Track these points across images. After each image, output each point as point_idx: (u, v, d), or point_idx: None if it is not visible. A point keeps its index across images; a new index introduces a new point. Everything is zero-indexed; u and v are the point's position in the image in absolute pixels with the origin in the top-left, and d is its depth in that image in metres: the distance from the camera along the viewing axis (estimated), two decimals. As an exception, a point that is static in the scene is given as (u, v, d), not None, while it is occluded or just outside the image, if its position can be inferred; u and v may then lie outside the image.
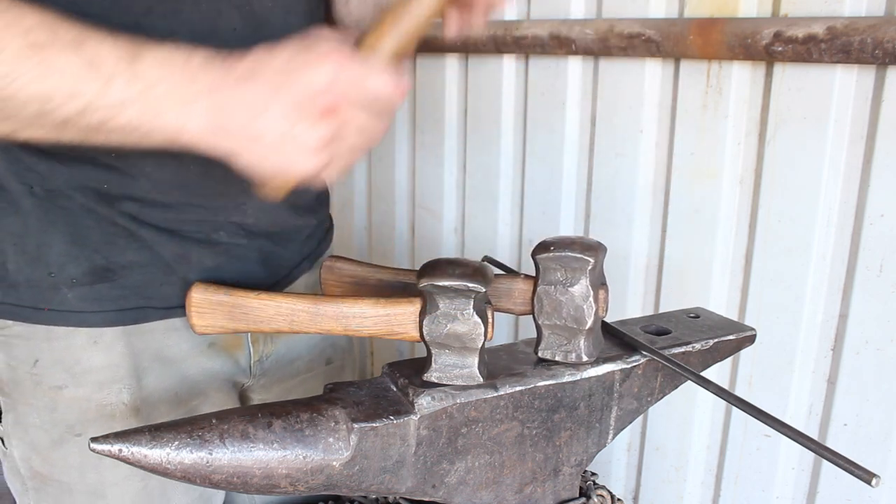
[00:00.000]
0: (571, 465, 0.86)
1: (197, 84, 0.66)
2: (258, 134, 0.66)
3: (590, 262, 0.77)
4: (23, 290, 0.87)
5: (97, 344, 0.89)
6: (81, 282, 0.87)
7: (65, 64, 0.63)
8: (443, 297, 0.74)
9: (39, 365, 0.90)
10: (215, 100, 0.66)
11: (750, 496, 1.52)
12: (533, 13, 1.73)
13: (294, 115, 0.65)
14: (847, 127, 1.26)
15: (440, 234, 2.13)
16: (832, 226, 1.31)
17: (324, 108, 0.65)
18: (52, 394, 0.90)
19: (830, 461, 0.66)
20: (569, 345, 0.81)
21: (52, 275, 0.87)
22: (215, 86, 0.66)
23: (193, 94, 0.66)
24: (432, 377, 0.77)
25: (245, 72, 0.67)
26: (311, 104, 0.65)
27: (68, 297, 0.87)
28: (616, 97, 1.59)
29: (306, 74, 0.65)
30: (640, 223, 1.60)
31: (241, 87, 0.66)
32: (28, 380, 0.91)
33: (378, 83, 0.67)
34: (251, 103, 0.66)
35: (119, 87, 0.64)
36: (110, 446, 0.67)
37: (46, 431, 0.92)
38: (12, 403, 0.93)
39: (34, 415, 0.92)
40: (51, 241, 0.86)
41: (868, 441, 1.31)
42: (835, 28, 1.18)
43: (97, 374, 0.90)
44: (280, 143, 0.66)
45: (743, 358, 1.46)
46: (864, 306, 1.28)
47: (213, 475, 0.68)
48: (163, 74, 0.65)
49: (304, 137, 0.66)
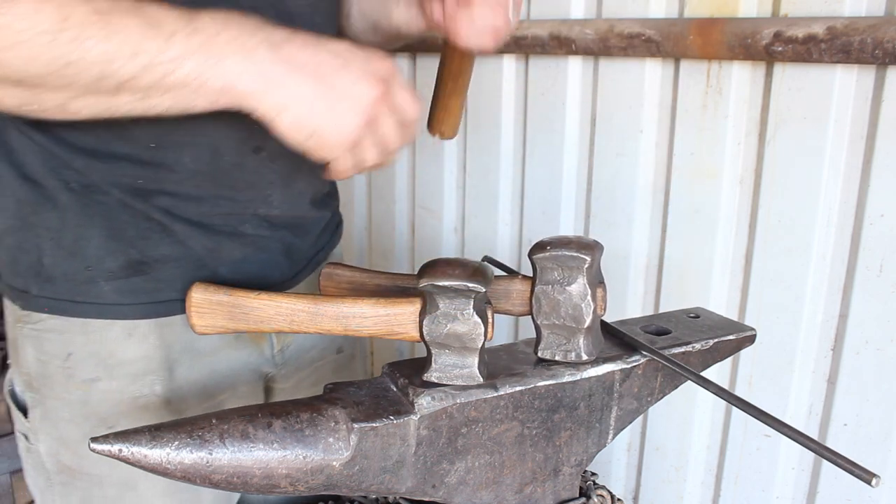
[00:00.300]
0: (571, 465, 0.86)
1: (257, 36, 0.69)
2: (322, 81, 0.70)
3: (586, 260, 0.77)
4: (59, 283, 0.89)
5: (131, 336, 0.91)
6: (118, 275, 0.89)
7: (127, 25, 0.66)
8: (443, 297, 0.74)
9: (72, 358, 0.91)
10: (279, 51, 0.70)
11: (750, 496, 1.52)
12: (533, 13, 1.73)
13: (356, 76, 0.71)
14: (847, 127, 1.26)
15: (440, 234, 2.13)
16: (832, 226, 1.31)
17: (382, 76, 0.72)
18: (85, 387, 0.92)
19: (830, 461, 0.66)
20: (568, 344, 0.81)
21: (89, 268, 0.89)
22: (275, 40, 0.70)
23: (254, 43, 0.69)
24: (432, 377, 0.77)
25: (306, 40, 0.72)
26: (371, 77, 0.71)
27: (105, 289, 0.89)
28: (616, 97, 1.59)
29: (369, 59, 0.72)
30: (640, 223, 1.60)
31: (307, 49, 0.71)
32: (59, 374, 0.92)
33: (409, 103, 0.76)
34: (320, 61, 0.70)
35: (180, 40, 0.67)
36: (110, 446, 0.67)
37: (78, 425, 0.93)
38: (40, 399, 0.94)
39: (65, 409, 0.93)
40: (89, 235, 0.88)
41: (868, 441, 1.31)
42: (835, 28, 1.18)
43: (131, 366, 0.92)
44: (337, 95, 0.70)
45: (743, 358, 1.46)
46: (864, 306, 1.28)
47: (213, 475, 0.68)
48: (222, 27, 0.68)
49: (360, 96, 0.71)
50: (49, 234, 0.88)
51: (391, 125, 0.75)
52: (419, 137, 2.20)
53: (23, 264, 0.91)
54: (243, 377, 1.02)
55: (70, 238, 0.88)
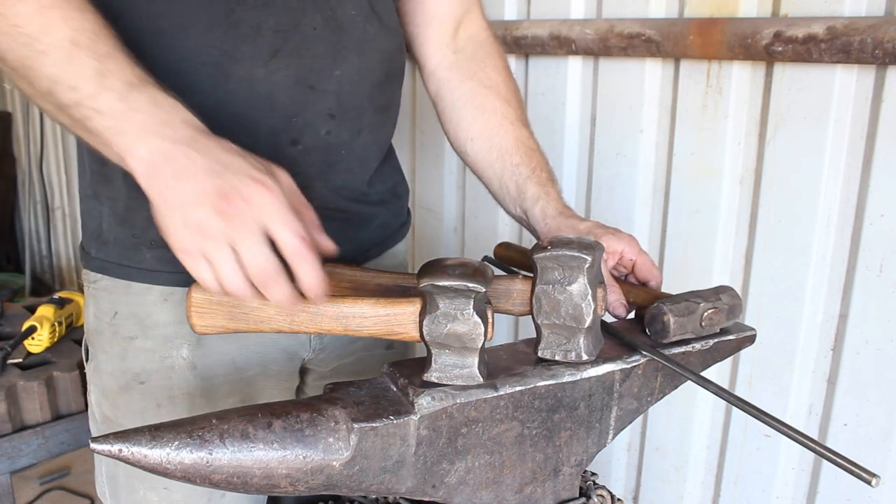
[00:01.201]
0: (571, 465, 0.86)
1: (166, 129, 0.74)
2: (172, 190, 0.72)
3: (587, 260, 0.77)
4: (111, 247, 1.00)
5: (167, 301, 0.99)
6: (160, 244, 0.92)
7: (84, 65, 0.74)
8: (443, 297, 0.74)
9: (118, 317, 1.01)
10: (168, 148, 0.73)
11: (750, 496, 1.52)
12: (533, 13, 1.73)
13: (202, 196, 0.71)
14: (847, 127, 1.26)
15: (440, 234, 2.13)
16: (832, 226, 1.31)
17: (225, 210, 0.71)
18: (125, 344, 1.01)
19: (830, 461, 0.66)
20: (568, 344, 0.81)
21: (135, 236, 0.98)
22: (178, 139, 0.74)
23: (157, 134, 0.73)
24: (432, 377, 0.77)
25: (206, 145, 0.74)
26: (219, 199, 0.71)
27: (147, 256, 0.98)
28: (616, 97, 1.59)
29: (240, 181, 0.72)
30: (640, 223, 1.60)
31: (192, 152, 0.73)
32: (108, 330, 1.02)
33: (290, 233, 0.72)
34: (187, 165, 0.72)
35: (110, 99, 0.73)
36: (110, 446, 0.67)
37: (116, 378, 1.03)
38: (94, 352, 1.05)
39: (108, 362, 1.03)
40: (137, 205, 0.94)
41: (868, 441, 1.31)
42: (835, 28, 1.18)
43: (164, 328, 1.00)
44: (178, 207, 0.72)
45: (743, 358, 1.46)
46: (864, 306, 1.28)
47: (213, 475, 0.68)
48: (146, 108, 0.74)
49: (194, 217, 0.71)
50: (109, 202, 0.98)
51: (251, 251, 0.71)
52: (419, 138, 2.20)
53: (89, 228, 1.03)
54: (273, 356, 1.06)
55: (122, 208, 0.97)
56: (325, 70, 0.96)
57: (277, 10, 0.91)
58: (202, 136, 0.75)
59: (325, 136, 0.99)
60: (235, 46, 0.90)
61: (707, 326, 0.88)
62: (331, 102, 0.98)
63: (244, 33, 0.90)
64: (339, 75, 0.98)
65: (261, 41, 0.91)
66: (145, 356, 1.01)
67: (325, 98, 0.97)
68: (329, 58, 0.96)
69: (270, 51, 0.92)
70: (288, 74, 0.93)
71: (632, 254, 0.98)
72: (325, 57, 0.96)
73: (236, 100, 0.92)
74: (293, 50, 0.93)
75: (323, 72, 0.96)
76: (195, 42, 0.89)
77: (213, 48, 0.90)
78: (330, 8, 0.95)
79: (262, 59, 0.92)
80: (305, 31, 0.94)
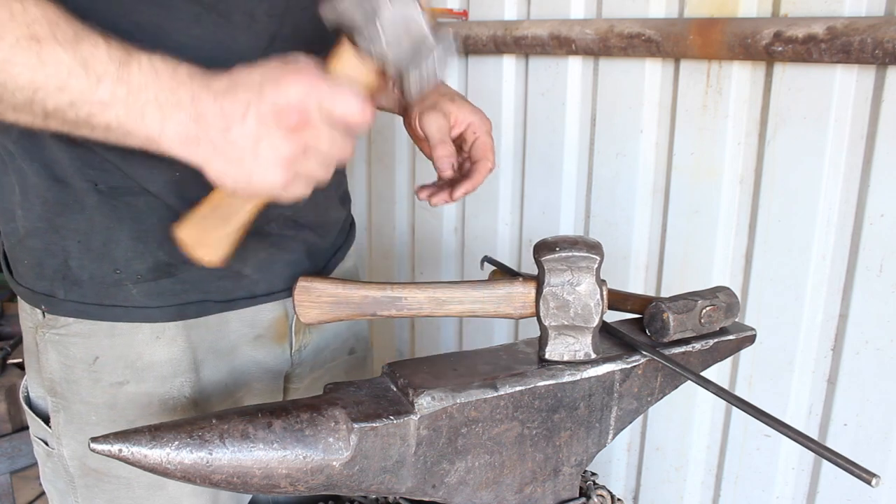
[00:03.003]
0: (571, 465, 0.86)
1: (179, 93, 0.68)
2: (230, 144, 0.68)
3: (596, 259, 0.79)
4: (87, 287, 0.89)
5: (160, 339, 0.91)
6: (146, 277, 0.89)
7: (58, 59, 0.66)
8: (353, 10, 0.73)
9: (99, 362, 0.91)
10: (195, 109, 0.68)
11: (750, 496, 1.52)
12: (533, 13, 1.73)
13: (264, 128, 0.68)
14: (847, 127, 1.26)
15: (440, 234, 2.13)
16: (832, 226, 1.31)
17: (293, 123, 0.68)
18: (113, 390, 0.91)
19: (830, 461, 0.66)
20: (577, 343, 0.82)
21: (117, 271, 0.88)
22: (196, 96, 0.69)
23: (175, 103, 0.68)
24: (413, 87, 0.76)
25: (224, 85, 0.69)
26: (280, 119, 0.68)
27: (133, 292, 0.89)
28: (616, 97, 1.59)
29: (279, 90, 0.68)
30: (640, 223, 1.60)
31: (219, 99, 0.68)
32: (86, 378, 0.91)
33: (345, 105, 0.70)
34: (226, 114, 0.68)
35: (106, 87, 0.67)
36: (110, 446, 0.67)
37: (106, 428, 0.91)
38: (65, 403, 0.93)
39: (91, 413, 0.92)
40: (117, 237, 0.87)
41: (868, 441, 1.31)
42: (835, 28, 1.18)
43: (160, 368, 0.92)
44: (249, 154, 0.68)
45: (743, 358, 1.46)
46: (864, 306, 1.28)
47: (213, 475, 0.68)
48: (149, 81, 0.68)
49: (272, 151, 0.68)
50: (76, 236, 0.87)
51: (327, 140, 0.70)
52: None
53: (48, 267, 0.89)
54: (259, 375, 1.03)
55: (98, 240, 0.87)
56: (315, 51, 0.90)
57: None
58: (214, 80, 0.70)
59: None
60: (231, 37, 0.84)
61: (706, 324, 0.88)
62: None
63: (237, 22, 0.84)
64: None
65: (256, 28, 0.86)
66: (141, 401, 0.92)
67: None
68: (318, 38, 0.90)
69: (268, 38, 0.87)
70: None
71: (479, 131, 1.01)
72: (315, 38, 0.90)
73: None
74: (288, 34, 0.88)
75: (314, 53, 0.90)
76: (182, 36, 0.82)
77: (205, 42, 0.83)
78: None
79: (260, 49, 0.85)
80: (296, 12, 0.89)
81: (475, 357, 0.85)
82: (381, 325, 2.44)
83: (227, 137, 0.68)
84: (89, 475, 0.95)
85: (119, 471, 0.93)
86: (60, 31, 0.66)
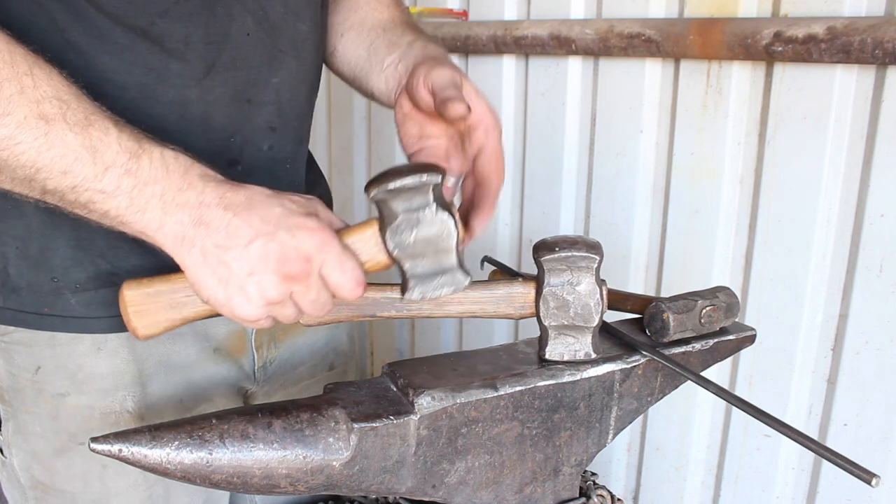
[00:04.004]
0: (571, 465, 0.86)
1: (187, 194, 0.68)
2: (222, 263, 0.68)
3: (596, 259, 0.79)
4: (25, 294, 0.86)
5: (101, 351, 0.88)
6: (86, 287, 0.86)
7: (66, 142, 0.65)
8: (398, 201, 0.71)
9: (41, 372, 0.88)
10: (199, 214, 0.68)
11: (750, 496, 1.52)
12: (533, 13, 1.73)
13: (262, 264, 0.68)
14: (847, 127, 1.26)
15: (440, 234, 2.13)
16: (832, 226, 1.31)
17: (291, 273, 0.68)
18: (55, 401, 0.88)
19: (830, 461, 0.66)
20: (577, 343, 0.82)
21: (55, 280, 0.85)
22: (205, 203, 0.68)
23: (181, 203, 0.68)
24: (413, 295, 0.74)
25: (239, 201, 0.69)
26: (281, 264, 0.68)
27: (72, 302, 0.86)
28: (616, 97, 1.59)
29: (293, 236, 0.68)
30: (640, 223, 1.60)
31: (229, 214, 0.68)
32: (30, 387, 0.89)
33: (345, 277, 0.71)
34: (231, 233, 0.68)
35: (113, 177, 0.66)
36: (110, 446, 0.67)
37: (48, 440, 0.90)
38: (13, 412, 0.92)
39: (36, 423, 0.90)
40: (55, 245, 0.84)
41: (868, 441, 1.31)
42: (835, 28, 1.18)
43: (101, 381, 0.88)
44: (236, 282, 0.68)
45: (743, 358, 1.46)
46: (864, 306, 1.28)
47: (213, 475, 0.68)
48: (158, 176, 0.67)
49: (259, 288, 0.68)
50: (14, 242, 0.85)
51: (313, 296, 0.71)
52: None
53: None
54: (220, 391, 0.98)
55: (35, 247, 0.84)
56: (261, 80, 0.88)
57: (205, 19, 0.81)
58: (229, 190, 0.69)
59: (267, 152, 0.91)
60: (163, 64, 0.80)
61: (706, 324, 0.88)
62: (271, 114, 0.90)
63: (171, 49, 0.80)
64: (277, 83, 0.90)
65: (191, 56, 0.81)
66: (82, 414, 0.88)
67: (263, 110, 0.89)
68: (265, 65, 0.88)
69: (204, 67, 0.82)
70: (224, 91, 0.84)
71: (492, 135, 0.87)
72: (262, 65, 0.87)
73: (166, 125, 0.80)
74: (228, 63, 0.84)
75: (259, 82, 0.87)
76: (113, 60, 0.78)
77: (136, 67, 0.79)
78: (260, 8, 0.86)
79: (195, 78, 0.82)
80: (238, 39, 0.84)
81: (475, 357, 0.85)
82: (381, 326, 2.44)
83: (222, 256, 0.68)
84: (37, 487, 0.93)
85: (63, 485, 0.91)
86: (71, 112, 0.65)
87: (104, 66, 0.78)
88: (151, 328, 0.75)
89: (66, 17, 0.75)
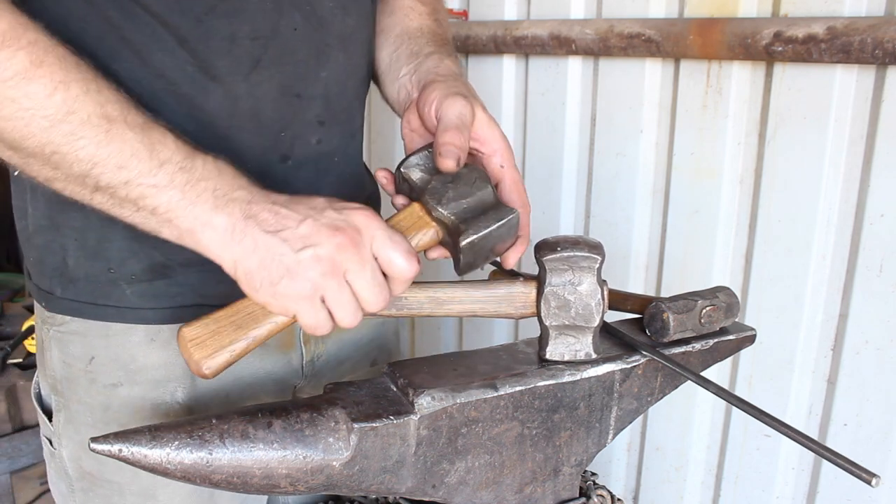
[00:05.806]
0: (571, 465, 0.86)
1: (238, 192, 0.71)
2: (273, 245, 0.69)
3: (598, 259, 0.79)
4: (82, 285, 0.88)
5: (154, 341, 0.89)
6: (141, 278, 0.87)
7: (125, 139, 0.69)
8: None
9: (95, 362, 0.90)
10: (249, 209, 0.70)
11: (750, 496, 1.52)
12: (533, 13, 1.73)
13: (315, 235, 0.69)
14: (847, 127, 1.26)
15: (440, 234, 2.13)
16: (832, 226, 1.31)
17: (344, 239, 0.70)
18: (107, 392, 0.90)
19: (830, 461, 0.66)
20: (578, 343, 0.82)
21: (111, 270, 0.87)
22: (255, 200, 0.71)
23: (232, 198, 0.71)
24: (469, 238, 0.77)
25: (284, 199, 0.72)
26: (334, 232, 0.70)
27: (127, 293, 0.88)
28: (616, 97, 1.59)
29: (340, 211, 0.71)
30: (640, 223, 1.60)
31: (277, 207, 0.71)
32: (83, 377, 0.90)
33: (396, 251, 0.72)
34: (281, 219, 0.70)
35: (167, 171, 0.69)
36: (110, 446, 0.67)
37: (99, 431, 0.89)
38: (65, 402, 0.93)
39: (87, 413, 0.91)
40: (112, 236, 0.86)
41: (868, 441, 1.31)
42: (835, 28, 1.18)
43: (153, 371, 0.90)
44: (290, 254, 0.69)
45: (743, 358, 1.46)
46: (864, 306, 1.28)
47: (213, 475, 0.68)
48: (211, 174, 0.71)
49: (312, 258, 0.69)
50: (73, 233, 0.87)
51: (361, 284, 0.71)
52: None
53: (49, 265, 0.90)
54: (268, 387, 0.99)
55: (93, 239, 0.87)
56: (310, 74, 0.89)
57: (252, 14, 0.83)
58: (274, 193, 0.72)
59: (315, 146, 0.93)
60: (210, 61, 0.82)
61: (706, 324, 0.88)
62: (319, 108, 0.92)
63: (216, 46, 0.82)
64: (326, 77, 0.91)
65: (238, 52, 0.83)
66: (133, 404, 0.90)
67: (312, 105, 0.91)
68: (313, 59, 0.89)
69: (250, 62, 0.84)
70: (272, 86, 0.86)
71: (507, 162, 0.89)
72: (310, 59, 0.89)
73: (217, 121, 0.84)
74: (275, 57, 0.86)
75: (308, 76, 0.89)
76: (165, 57, 0.80)
77: (186, 64, 0.81)
78: (308, 3, 0.87)
79: (242, 73, 0.84)
80: (286, 34, 0.86)
81: (475, 357, 0.85)
82: (381, 325, 2.43)
83: (273, 239, 0.69)
84: (85, 478, 0.94)
85: (112, 476, 0.92)
86: (132, 115, 0.70)
87: (157, 63, 0.80)
88: (216, 360, 0.74)
89: (118, 16, 0.78)
